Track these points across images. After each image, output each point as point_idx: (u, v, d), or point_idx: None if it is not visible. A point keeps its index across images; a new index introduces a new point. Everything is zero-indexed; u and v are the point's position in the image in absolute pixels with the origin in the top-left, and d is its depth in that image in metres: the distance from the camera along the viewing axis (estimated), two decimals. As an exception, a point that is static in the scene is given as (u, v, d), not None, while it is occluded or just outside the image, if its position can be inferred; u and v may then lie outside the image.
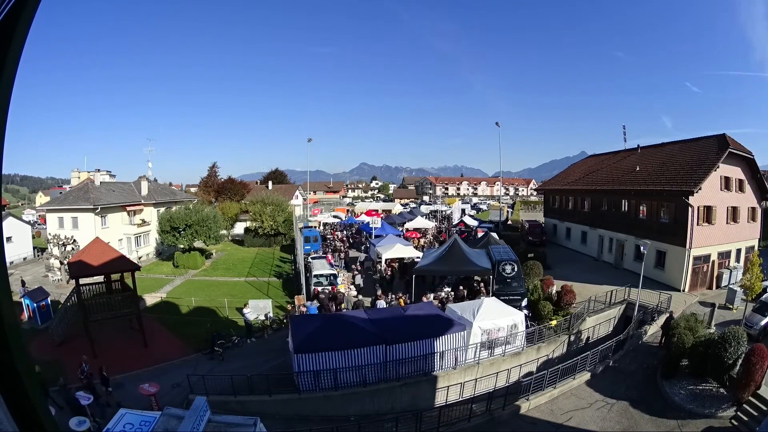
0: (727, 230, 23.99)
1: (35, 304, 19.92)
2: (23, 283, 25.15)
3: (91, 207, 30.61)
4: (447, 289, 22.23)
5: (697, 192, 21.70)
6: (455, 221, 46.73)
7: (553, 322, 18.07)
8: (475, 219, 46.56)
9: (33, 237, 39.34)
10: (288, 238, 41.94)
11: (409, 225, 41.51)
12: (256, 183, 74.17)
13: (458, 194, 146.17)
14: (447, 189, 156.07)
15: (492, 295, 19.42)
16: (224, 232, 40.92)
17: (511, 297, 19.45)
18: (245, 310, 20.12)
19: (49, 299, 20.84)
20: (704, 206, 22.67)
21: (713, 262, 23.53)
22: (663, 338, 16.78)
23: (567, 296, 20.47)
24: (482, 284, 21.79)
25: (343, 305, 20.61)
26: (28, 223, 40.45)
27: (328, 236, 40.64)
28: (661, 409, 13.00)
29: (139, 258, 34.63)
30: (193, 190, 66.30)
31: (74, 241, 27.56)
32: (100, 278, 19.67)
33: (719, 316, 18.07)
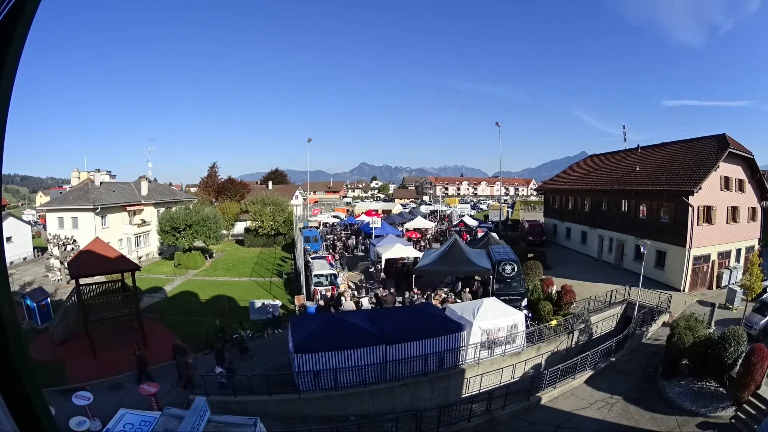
0: (727, 230, 23.98)
1: (35, 304, 19.91)
2: None
3: (91, 207, 30.59)
4: (446, 289, 22.24)
5: (697, 192, 21.70)
6: (455, 221, 46.79)
7: (553, 322, 18.06)
8: (475, 219, 46.63)
9: (33, 237, 39.32)
10: (288, 238, 41.96)
11: (409, 225, 41.51)
12: (256, 183, 74.21)
13: (458, 194, 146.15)
14: (447, 189, 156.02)
15: (492, 295, 19.44)
16: (224, 231, 40.96)
17: (511, 297, 19.47)
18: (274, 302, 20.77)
19: (49, 299, 20.84)
20: (704, 206, 22.67)
21: (713, 262, 23.53)
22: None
23: (567, 296, 20.47)
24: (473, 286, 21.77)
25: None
26: (28, 223, 40.43)
27: (329, 236, 40.67)
28: (661, 409, 13.00)
29: (140, 258, 34.60)
30: (193, 190, 66.26)
31: (74, 241, 27.55)
32: (100, 278, 19.67)
33: (719, 316, 18.07)
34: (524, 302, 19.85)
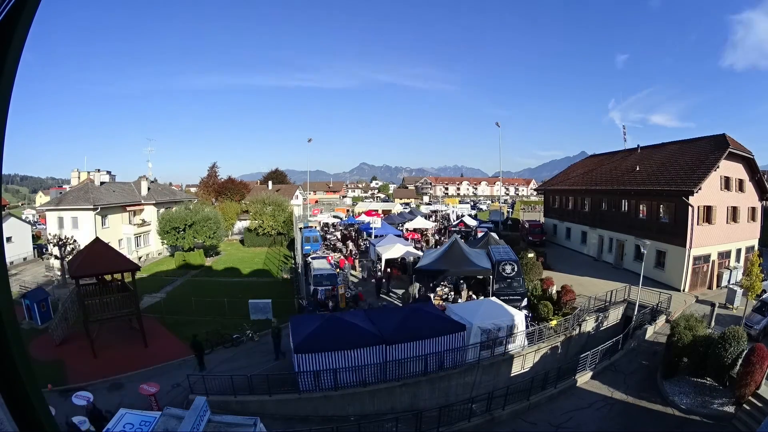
0: (727, 230, 23.98)
1: (35, 304, 19.92)
2: None
3: (91, 207, 30.62)
4: (447, 289, 22.22)
5: (697, 192, 21.69)
6: (455, 221, 46.79)
7: (553, 322, 18.06)
8: (475, 219, 46.63)
9: (33, 237, 39.32)
10: (288, 238, 42.00)
11: (409, 225, 41.50)
12: (256, 183, 74.26)
13: (458, 194, 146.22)
14: (447, 189, 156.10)
15: (492, 295, 19.43)
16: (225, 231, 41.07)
17: (511, 297, 19.47)
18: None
19: (49, 299, 20.85)
20: (704, 206, 22.66)
21: (713, 261, 23.52)
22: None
23: (567, 296, 20.47)
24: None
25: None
26: (29, 223, 40.45)
27: (328, 236, 40.66)
28: (661, 409, 13.01)
29: (140, 258, 34.62)
30: (193, 190, 66.32)
31: (74, 241, 27.55)
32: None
33: (719, 316, 18.07)
34: (524, 302, 19.85)
